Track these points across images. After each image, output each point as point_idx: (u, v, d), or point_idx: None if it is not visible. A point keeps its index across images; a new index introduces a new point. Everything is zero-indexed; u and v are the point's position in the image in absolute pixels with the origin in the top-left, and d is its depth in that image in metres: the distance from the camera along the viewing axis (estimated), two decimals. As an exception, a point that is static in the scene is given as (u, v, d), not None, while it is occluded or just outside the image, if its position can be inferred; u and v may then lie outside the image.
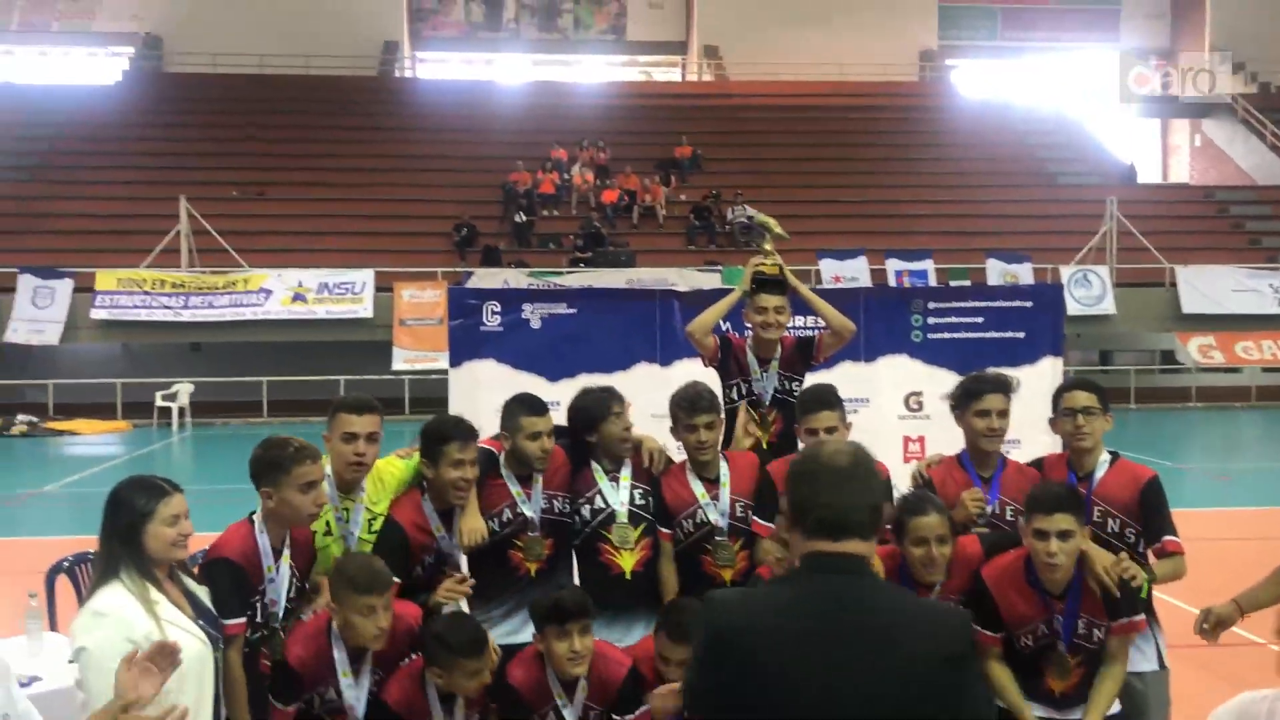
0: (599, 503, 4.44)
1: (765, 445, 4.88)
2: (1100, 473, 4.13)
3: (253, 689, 3.60)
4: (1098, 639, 3.70)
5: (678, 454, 4.64)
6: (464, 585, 4.13)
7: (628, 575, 4.36)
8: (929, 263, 23.30)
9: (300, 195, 26.62)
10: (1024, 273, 22.52)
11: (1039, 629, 3.70)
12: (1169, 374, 25.96)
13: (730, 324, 5.46)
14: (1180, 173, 36.12)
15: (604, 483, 4.46)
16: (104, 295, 21.68)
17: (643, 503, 4.45)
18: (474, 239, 25.02)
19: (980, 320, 6.28)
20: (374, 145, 28.45)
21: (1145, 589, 3.84)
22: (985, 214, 26.88)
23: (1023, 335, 6.23)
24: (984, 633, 3.65)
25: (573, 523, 4.49)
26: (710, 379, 4.96)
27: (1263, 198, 29.39)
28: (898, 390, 6.24)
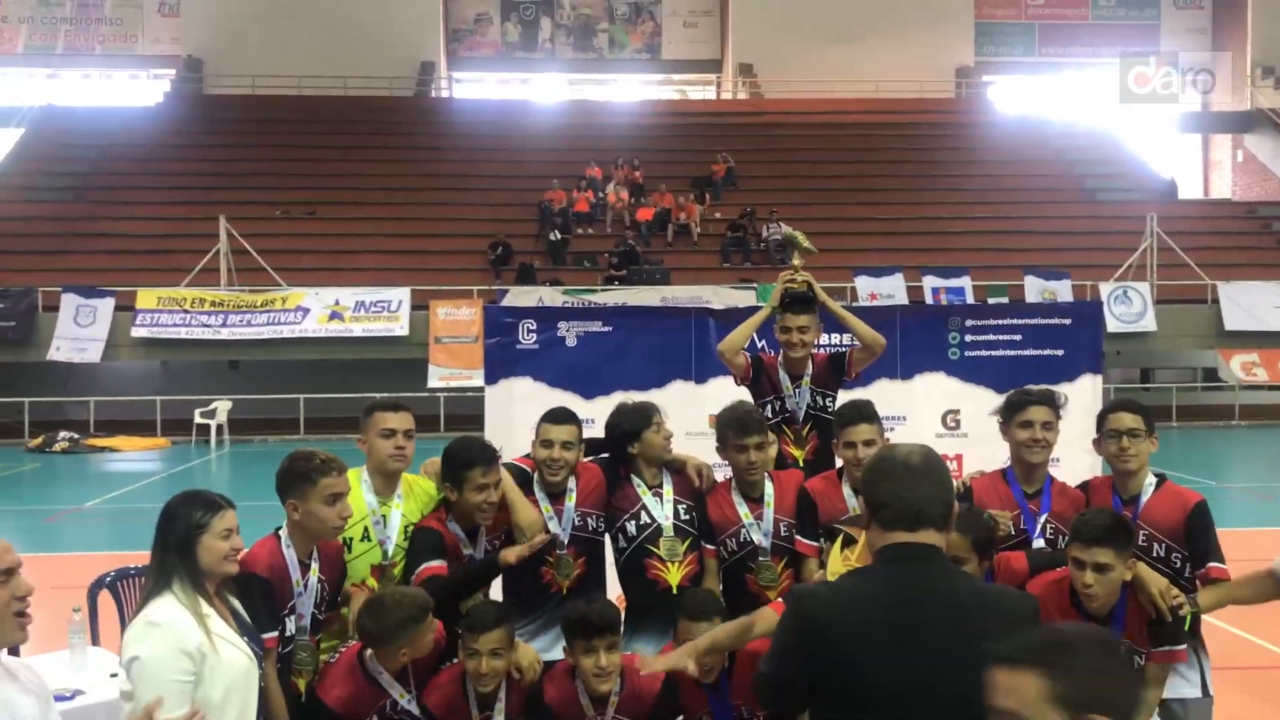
0: (644, 518, 4.45)
1: (801, 463, 4.87)
2: (1146, 496, 4.05)
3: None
4: (1138, 665, 3.65)
5: (718, 471, 4.64)
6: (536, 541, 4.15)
7: (675, 589, 4.35)
8: (966, 280, 23.14)
9: (337, 214, 26.88)
10: (1063, 290, 22.32)
11: None
12: (1211, 391, 25.61)
13: (765, 341, 5.45)
14: (1222, 188, 35.71)
15: (648, 497, 4.48)
16: (144, 313, 21.98)
17: (688, 517, 4.46)
18: (509, 257, 25.15)
19: (1018, 338, 6.23)
20: (411, 164, 28.74)
21: (1188, 621, 3.78)
22: (1023, 230, 26.71)
23: (1061, 353, 6.17)
24: None
25: (616, 540, 4.50)
26: (744, 396, 4.96)
27: (1306, 213, 29.03)
28: (935, 408, 6.20)
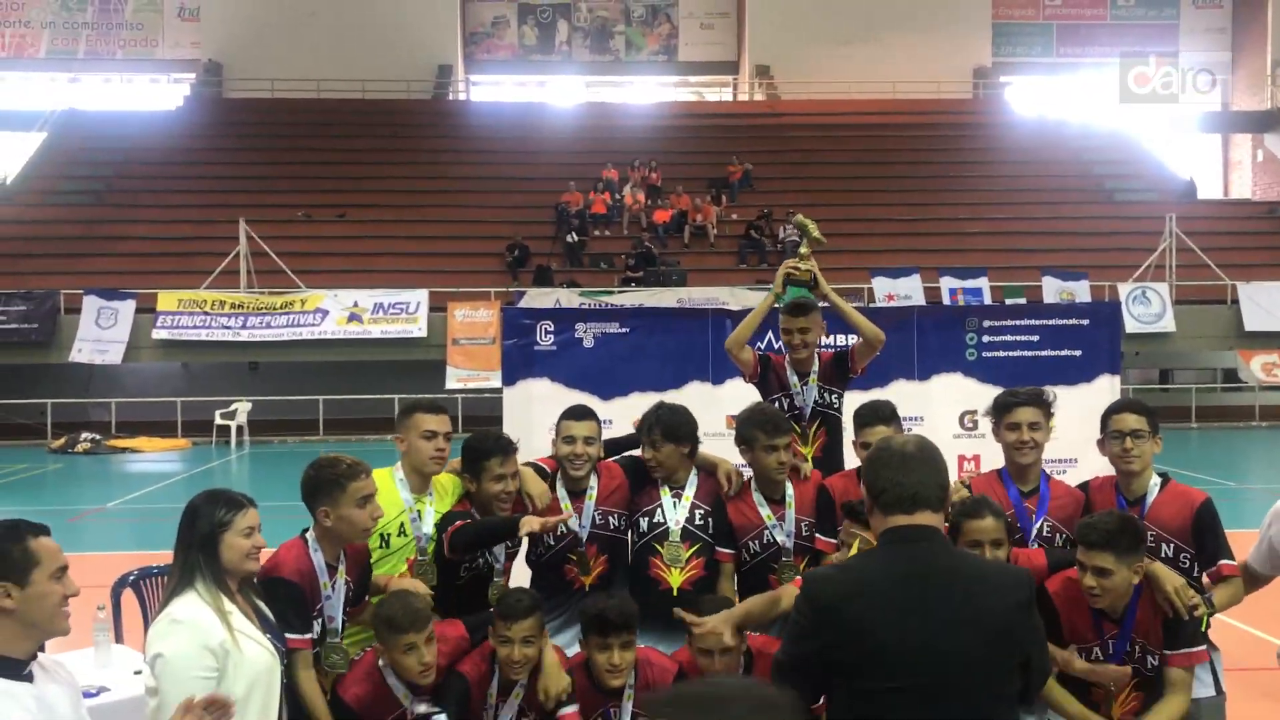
0: (657, 517, 4.50)
1: (810, 459, 4.88)
2: (1151, 497, 4.01)
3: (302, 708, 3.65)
4: (1152, 665, 3.64)
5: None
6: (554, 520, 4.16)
7: (675, 592, 4.38)
8: (984, 280, 23.07)
9: (356, 217, 27.00)
10: (1081, 290, 22.21)
11: (1093, 651, 3.66)
12: (1231, 392, 25.44)
13: (780, 342, 5.49)
14: (1242, 188, 35.47)
15: (666, 498, 4.52)
16: (165, 315, 22.14)
17: (701, 523, 4.48)
18: (526, 259, 25.21)
19: (1036, 338, 6.23)
20: (428, 167, 28.86)
21: (1205, 621, 3.77)
22: (1041, 231, 26.61)
23: (1079, 353, 6.18)
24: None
25: (630, 535, 4.55)
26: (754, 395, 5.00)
27: (1327, 213, 28.83)
28: (952, 409, 6.21)
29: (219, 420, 21.88)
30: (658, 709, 1.80)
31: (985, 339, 6.22)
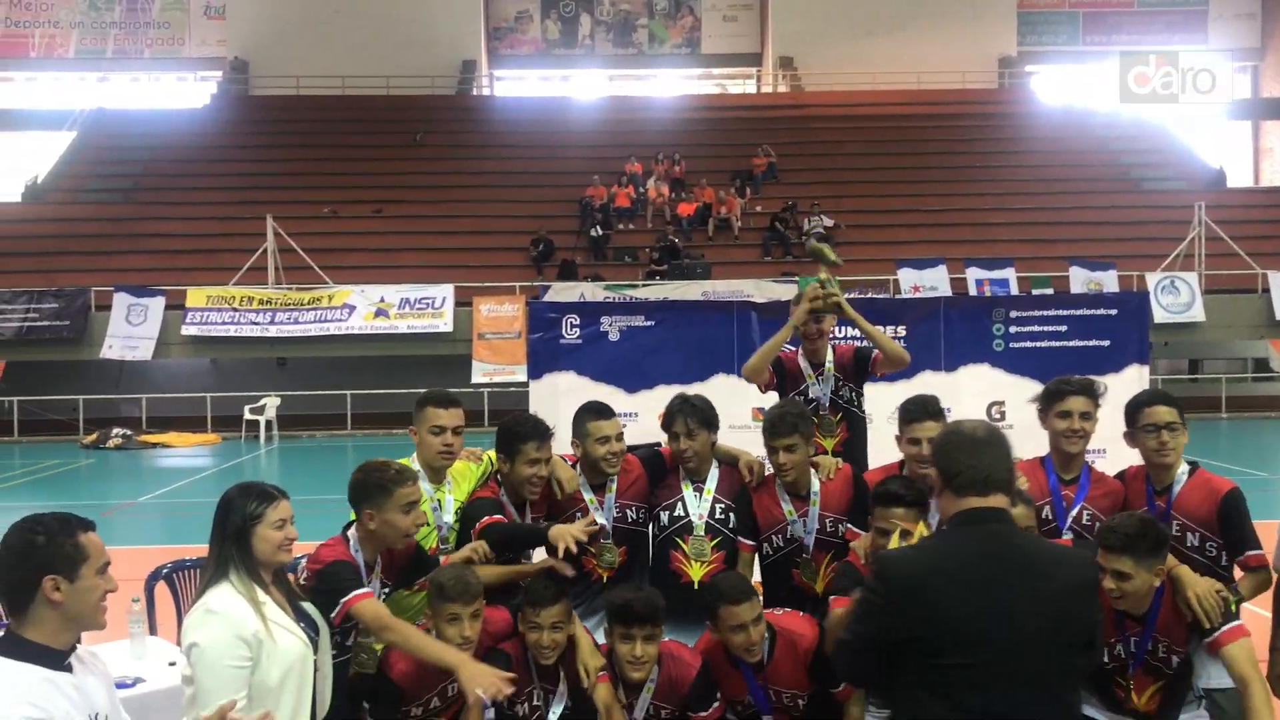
0: (679, 510, 4.51)
1: (830, 452, 4.87)
2: (1179, 486, 4.00)
3: (341, 699, 3.69)
4: (1176, 664, 3.63)
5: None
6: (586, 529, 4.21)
7: (695, 585, 4.39)
8: (1010, 271, 22.91)
9: (381, 213, 27.13)
10: (1109, 280, 22.03)
11: (1115, 648, 3.65)
12: (1262, 382, 25.19)
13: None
14: (1274, 175, 35.06)
15: (688, 491, 4.53)
16: (194, 312, 22.33)
17: (722, 517, 4.49)
18: (551, 253, 25.26)
19: (1063, 329, 6.22)
20: (453, 162, 28.95)
21: (1234, 606, 3.75)
22: (1068, 221, 26.39)
23: (1107, 344, 6.16)
24: None
25: (650, 528, 4.57)
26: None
27: (1360, 200, 28.45)
28: (980, 400, 6.20)
29: (248, 415, 22.05)
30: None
31: (1012, 330, 6.21)
